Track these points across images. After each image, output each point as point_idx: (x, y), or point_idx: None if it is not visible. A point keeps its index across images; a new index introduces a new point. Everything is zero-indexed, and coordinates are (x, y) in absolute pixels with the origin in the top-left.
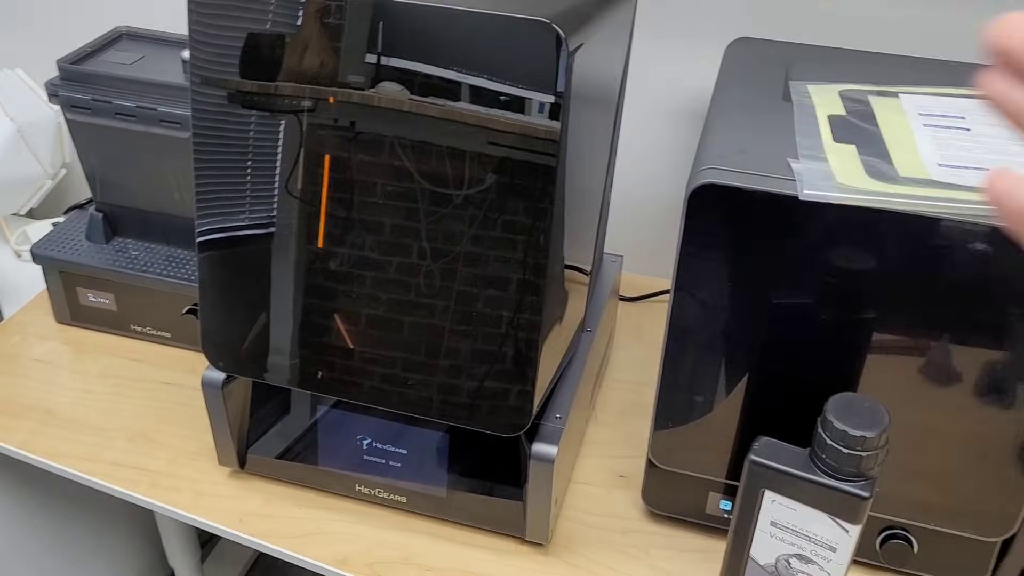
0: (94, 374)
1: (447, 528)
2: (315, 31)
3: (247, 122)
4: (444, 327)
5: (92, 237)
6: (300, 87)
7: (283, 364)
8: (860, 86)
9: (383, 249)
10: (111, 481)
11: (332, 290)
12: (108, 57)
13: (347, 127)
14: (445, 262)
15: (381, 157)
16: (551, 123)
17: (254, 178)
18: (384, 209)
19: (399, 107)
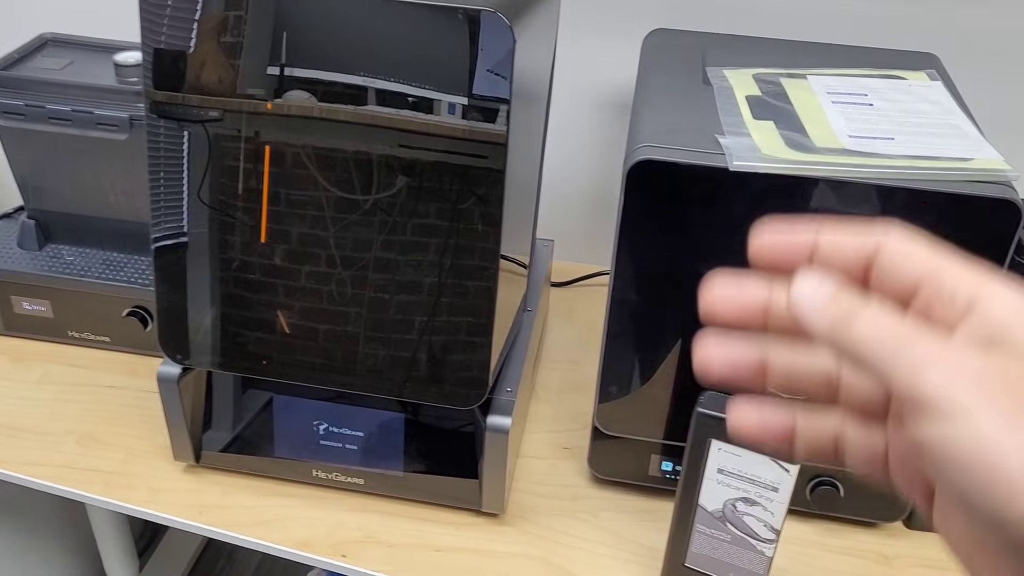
0: (34, 381)
1: (405, 506)
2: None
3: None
4: (403, 307)
5: (24, 244)
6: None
7: (238, 352)
8: (772, 70)
9: (333, 243)
10: (63, 483)
11: (280, 276)
12: (36, 63)
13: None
14: (405, 249)
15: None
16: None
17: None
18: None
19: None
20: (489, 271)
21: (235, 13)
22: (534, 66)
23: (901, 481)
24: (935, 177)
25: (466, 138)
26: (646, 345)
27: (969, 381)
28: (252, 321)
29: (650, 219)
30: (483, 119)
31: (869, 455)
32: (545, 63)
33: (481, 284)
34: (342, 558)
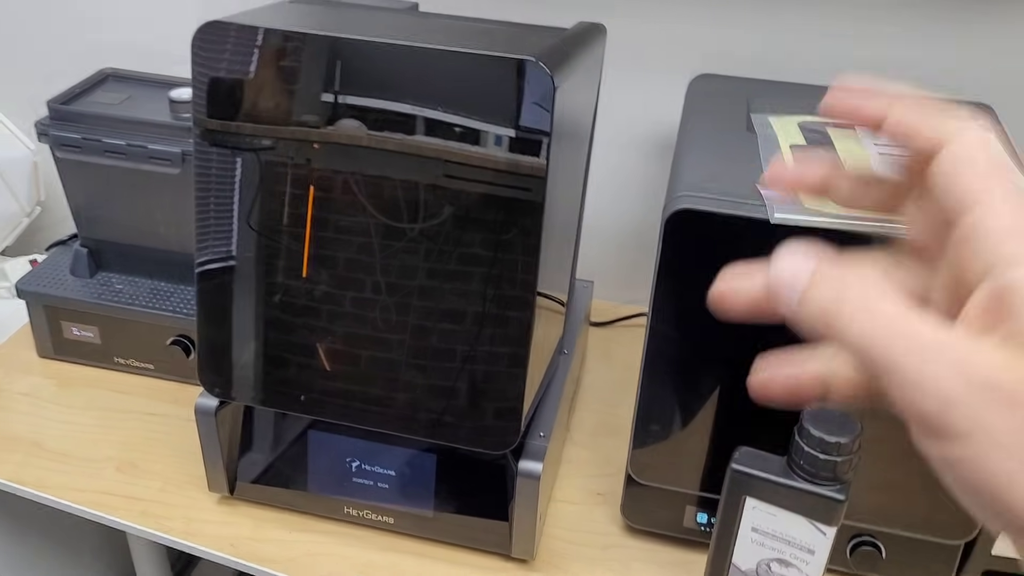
0: (79, 406)
1: (434, 547)
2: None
3: (244, 165)
4: (436, 350)
5: (77, 272)
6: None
7: (278, 389)
8: (818, 118)
9: (372, 282)
10: (103, 510)
11: (318, 316)
12: (96, 97)
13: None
14: (437, 288)
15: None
16: (540, 161)
17: (246, 215)
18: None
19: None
20: (525, 310)
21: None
22: (576, 107)
23: None
24: None
25: (507, 171)
26: (682, 394)
27: (976, 393)
28: (291, 357)
29: (688, 268)
30: (524, 154)
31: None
32: (587, 105)
33: (516, 325)
34: None
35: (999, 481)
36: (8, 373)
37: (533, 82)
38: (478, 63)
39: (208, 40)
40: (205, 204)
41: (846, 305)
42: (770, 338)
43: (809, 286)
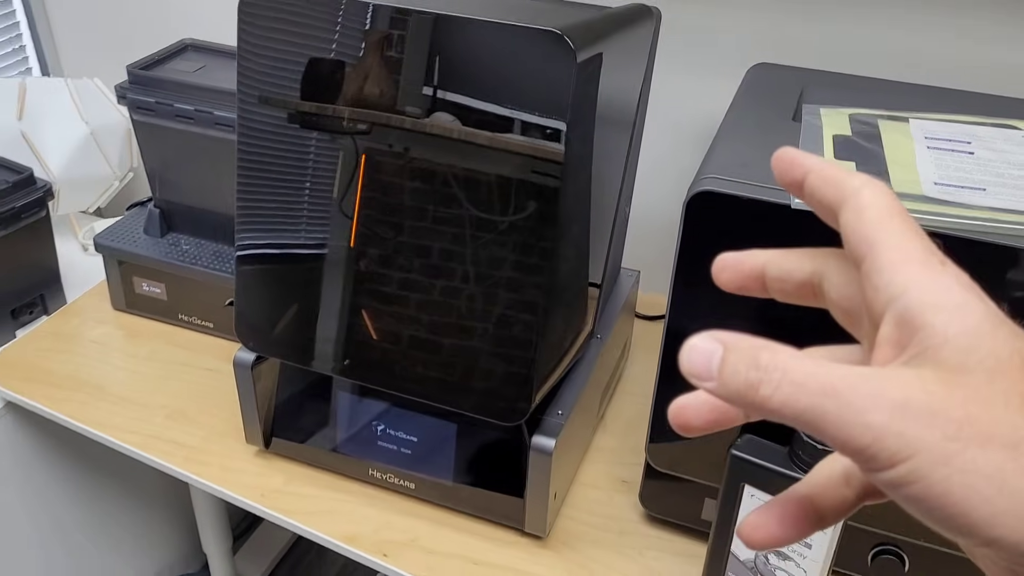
0: (142, 356)
1: (452, 516)
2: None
3: (288, 133)
4: (460, 325)
5: (149, 231)
6: (337, 109)
7: (308, 348)
8: (872, 111)
9: (407, 255)
10: (148, 452)
11: (359, 286)
12: (174, 65)
13: (385, 147)
14: (462, 267)
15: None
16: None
17: (292, 184)
18: (409, 218)
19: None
20: (539, 285)
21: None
22: (612, 86)
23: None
24: (1016, 233)
25: (527, 147)
26: None
27: (899, 416)
28: (331, 321)
29: (709, 252)
30: (545, 127)
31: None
32: (629, 86)
33: (530, 299)
34: (383, 557)
35: (953, 497)
36: (85, 322)
37: (554, 54)
38: (502, 32)
39: (253, 10)
40: (248, 169)
41: (763, 374)
42: (791, 324)
43: (722, 365)
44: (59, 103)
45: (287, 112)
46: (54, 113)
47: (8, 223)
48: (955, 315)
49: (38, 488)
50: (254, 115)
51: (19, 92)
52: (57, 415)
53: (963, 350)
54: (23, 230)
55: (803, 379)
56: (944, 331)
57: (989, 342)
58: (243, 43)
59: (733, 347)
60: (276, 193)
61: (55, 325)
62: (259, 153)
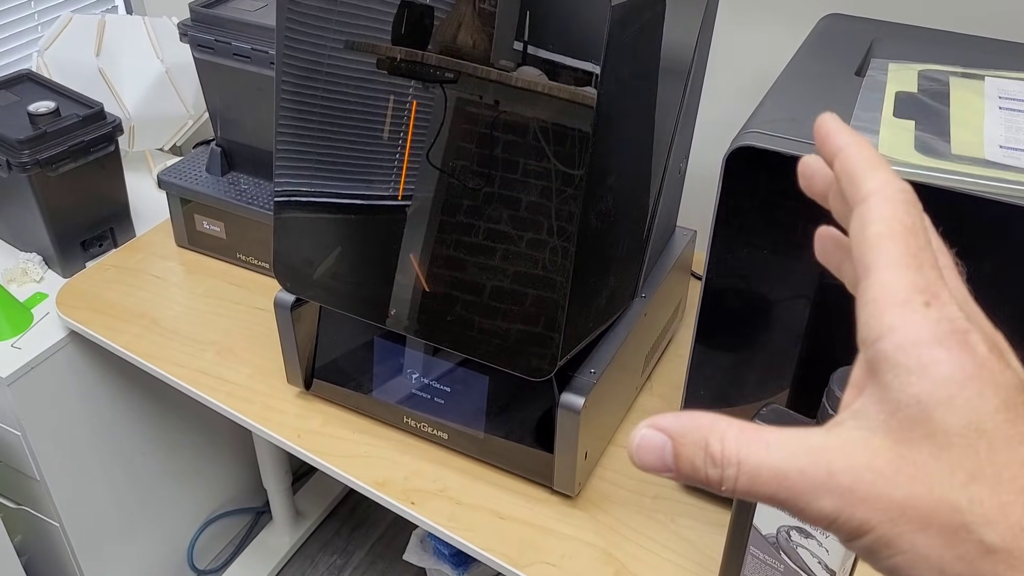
0: (199, 293)
1: (483, 469)
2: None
3: (331, 77)
4: (497, 278)
5: (211, 170)
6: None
7: (346, 293)
8: (945, 67)
9: (454, 205)
10: (195, 386)
11: (400, 234)
12: (236, 3)
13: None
14: (503, 220)
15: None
16: (589, 75)
17: (336, 127)
18: (455, 162)
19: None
20: (565, 239)
21: None
22: (663, 39)
23: None
24: None
25: (558, 91)
26: (738, 347)
27: (849, 504)
28: (374, 271)
29: (748, 210)
30: (576, 73)
31: None
32: (683, 35)
33: (556, 254)
34: (411, 504)
35: (902, 573)
36: (148, 257)
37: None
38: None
39: None
40: (290, 109)
41: (720, 470)
42: (835, 288)
43: (676, 459)
44: (136, 40)
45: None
46: (131, 50)
47: (77, 156)
48: (916, 377)
49: (103, 417)
50: (297, 56)
51: (98, 29)
52: (113, 345)
53: (914, 420)
54: (93, 164)
55: (756, 471)
56: (899, 396)
57: (957, 403)
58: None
59: (681, 439)
60: (320, 135)
61: (121, 258)
62: (302, 94)
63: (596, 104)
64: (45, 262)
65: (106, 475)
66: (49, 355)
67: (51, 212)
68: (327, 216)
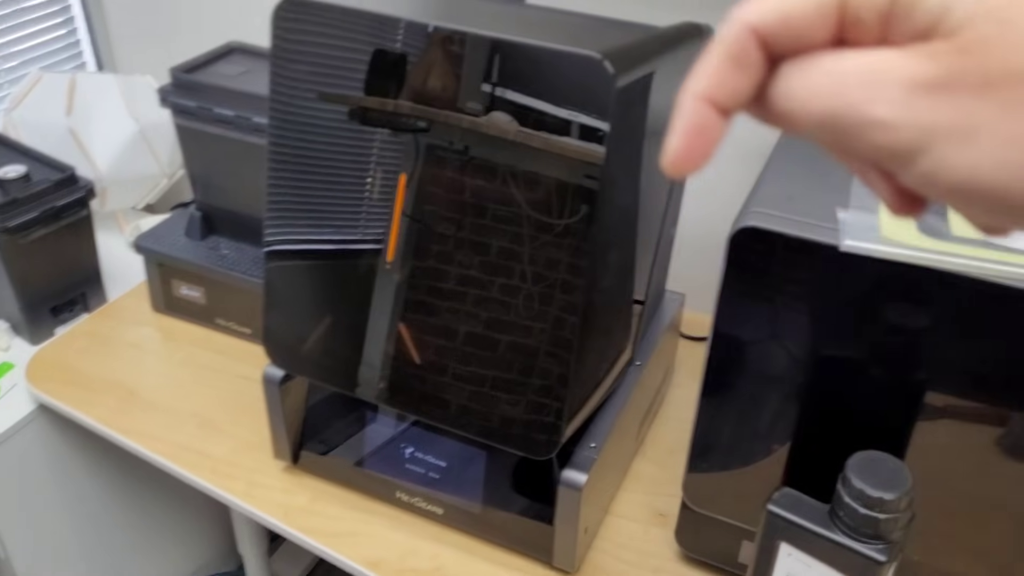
0: (178, 361)
1: (479, 545)
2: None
3: (321, 135)
4: (487, 349)
5: (190, 234)
6: (417, 108)
7: (339, 369)
8: None
9: (443, 268)
10: (175, 462)
11: (395, 303)
12: (217, 68)
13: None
14: (498, 287)
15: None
16: (600, 152)
17: (327, 190)
18: (452, 228)
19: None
20: (571, 314)
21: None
22: (657, 106)
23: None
24: None
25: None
26: (742, 421)
27: (904, 97)
28: (366, 343)
29: (752, 289)
30: (585, 147)
31: None
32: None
33: (562, 330)
34: None
35: (985, 174)
36: (122, 323)
37: (596, 77)
38: (546, 57)
39: (288, 16)
40: (278, 172)
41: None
42: (840, 364)
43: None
44: (109, 100)
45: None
46: (103, 110)
47: (49, 222)
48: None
49: (74, 492)
50: (286, 117)
51: (68, 87)
52: (86, 419)
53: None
54: (64, 229)
55: (824, 83)
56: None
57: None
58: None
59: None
60: (310, 204)
61: (94, 324)
62: (290, 157)
63: (604, 164)
64: (12, 329)
65: (77, 549)
66: (17, 430)
67: (19, 278)
68: (317, 287)
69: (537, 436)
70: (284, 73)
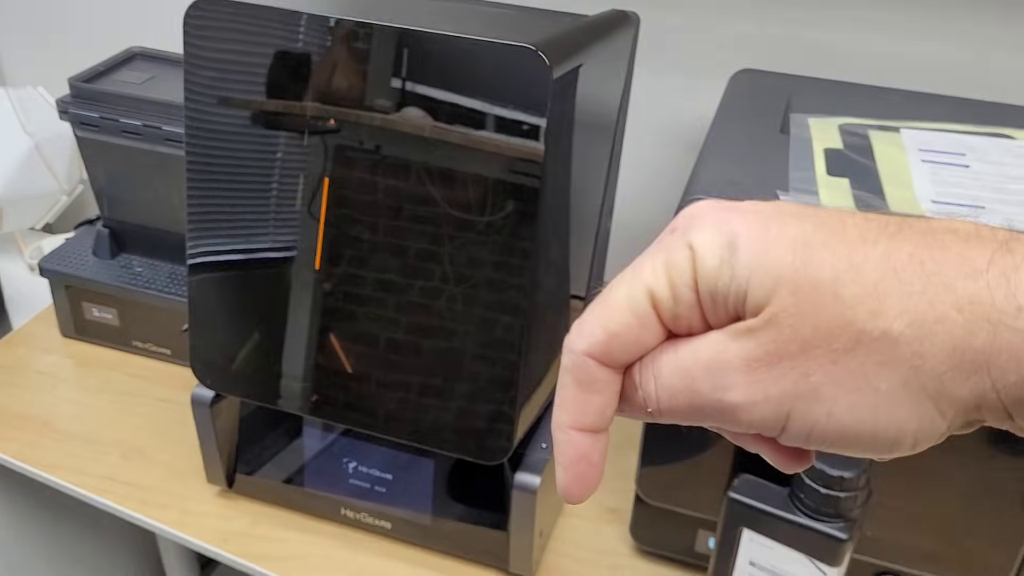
0: (94, 388)
1: (431, 557)
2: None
3: (241, 142)
4: (433, 353)
5: (98, 253)
6: (323, 108)
7: (273, 385)
8: (862, 120)
9: (378, 274)
10: (102, 495)
11: (325, 312)
12: (119, 76)
13: (348, 149)
14: (437, 289)
15: (378, 181)
16: (537, 147)
17: (248, 199)
18: (381, 233)
19: (405, 130)
20: (517, 313)
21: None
22: (591, 97)
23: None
24: None
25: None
26: None
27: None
28: (295, 354)
29: None
30: (521, 141)
31: None
32: (609, 96)
33: (508, 328)
34: None
35: (846, 422)
36: (30, 351)
37: (529, 69)
38: (472, 49)
39: (200, 17)
40: (200, 185)
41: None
42: None
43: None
44: (0, 115)
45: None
46: None
47: None
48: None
49: None
50: (204, 124)
51: None
52: (1, 457)
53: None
54: None
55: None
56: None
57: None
58: (190, 50)
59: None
60: (232, 214)
61: None
62: (209, 166)
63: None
64: None
65: None
66: None
67: None
68: (245, 300)
69: (489, 441)
70: (198, 79)
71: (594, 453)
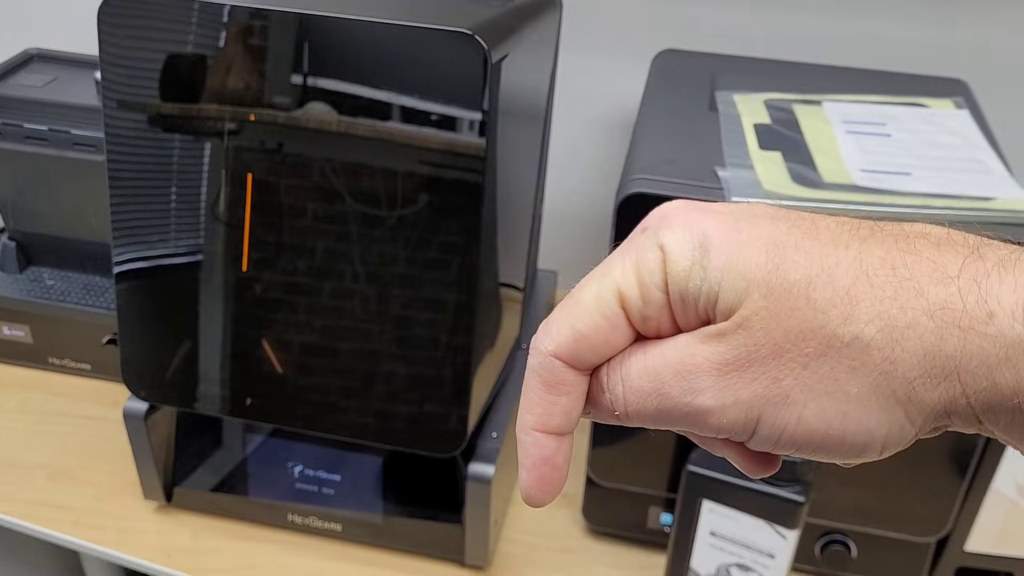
0: (10, 410)
1: (385, 555)
2: (238, 51)
3: (164, 145)
4: (375, 349)
5: (5, 267)
6: (221, 109)
7: (209, 392)
8: (785, 95)
9: (312, 273)
10: (32, 521)
11: (259, 315)
12: (18, 80)
13: (271, 149)
14: (375, 284)
15: (308, 179)
16: (477, 138)
17: (173, 203)
18: (312, 232)
19: (327, 128)
20: (466, 302)
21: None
22: (523, 83)
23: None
24: (951, 218)
25: (444, 150)
26: None
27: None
28: (227, 358)
29: None
30: (462, 132)
31: None
32: (538, 80)
33: (458, 318)
34: None
35: (815, 426)
36: None
37: (469, 56)
38: (408, 35)
39: (114, 14)
40: (122, 191)
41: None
42: None
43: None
44: None
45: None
46: None
47: None
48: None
49: None
50: (123, 126)
51: None
52: None
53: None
54: None
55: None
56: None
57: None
58: (105, 50)
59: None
60: (156, 219)
61: None
62: (131, 171)
63: (486, 152)
64: None
65: None
66: None
67: None
68: (174, 306)
69: (441, 433)
70: (116, 79)
71: (559, 456)
